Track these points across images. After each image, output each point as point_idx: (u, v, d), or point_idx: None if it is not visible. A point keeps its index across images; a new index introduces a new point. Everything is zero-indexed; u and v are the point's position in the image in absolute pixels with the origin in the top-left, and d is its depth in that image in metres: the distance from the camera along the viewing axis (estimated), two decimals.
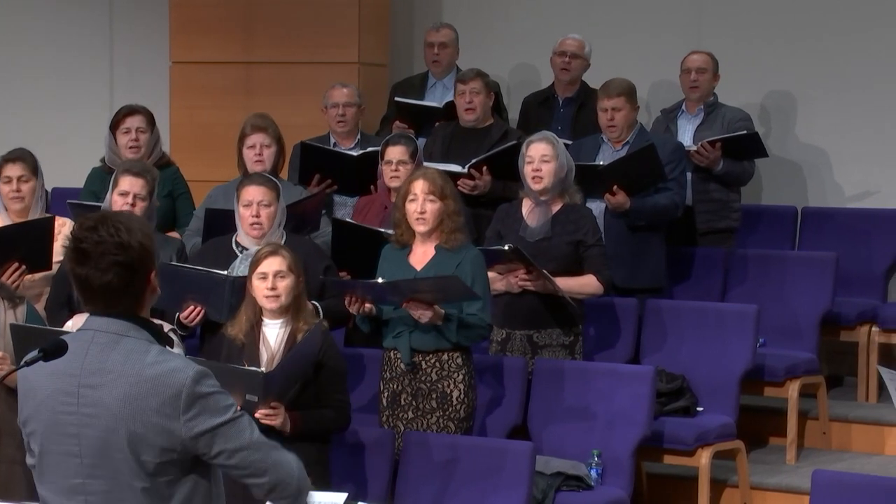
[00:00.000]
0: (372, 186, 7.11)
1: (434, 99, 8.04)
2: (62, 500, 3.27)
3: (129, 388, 3.18)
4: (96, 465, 3.21)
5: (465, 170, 7.08)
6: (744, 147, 7.52)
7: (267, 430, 4.79)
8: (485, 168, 7.10)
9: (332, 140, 7.58)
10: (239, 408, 3.31)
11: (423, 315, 5.67)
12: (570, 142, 7.35)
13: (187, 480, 3.24)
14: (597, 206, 6.90)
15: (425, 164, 6.78)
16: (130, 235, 3.20)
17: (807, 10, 8.29)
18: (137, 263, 3.22)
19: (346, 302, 5.80)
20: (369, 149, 7.24)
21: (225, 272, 5.81)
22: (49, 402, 3.25)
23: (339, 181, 7.19)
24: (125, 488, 3.20)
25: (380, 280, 5.69)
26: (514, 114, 8.40)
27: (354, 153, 7.33)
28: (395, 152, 6.69)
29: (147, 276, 3.25)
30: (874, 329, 7.45)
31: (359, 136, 7.60)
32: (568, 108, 8.00)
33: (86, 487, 3.23)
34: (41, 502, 3.33)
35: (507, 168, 6.77)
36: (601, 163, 6.94)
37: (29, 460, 3.35)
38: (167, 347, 3.30)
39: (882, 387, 7.33)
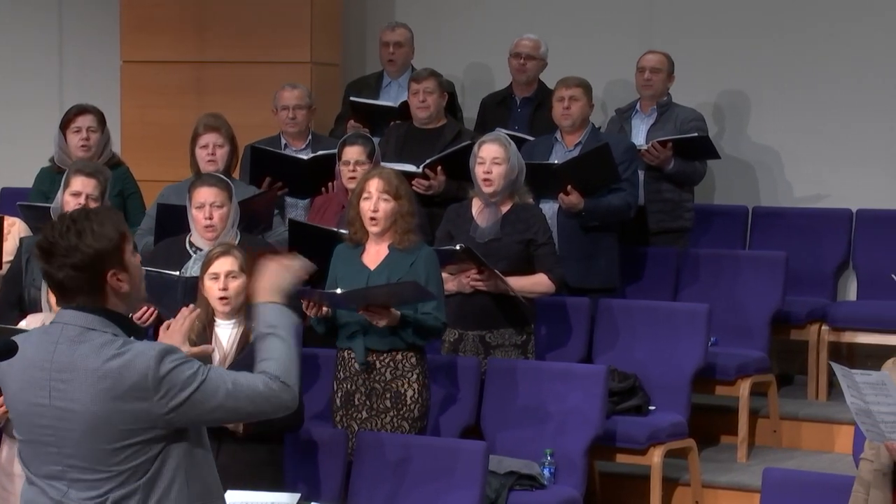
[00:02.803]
0: (324, 188, 7.11)
1: (389, 98, 8.03)
2: (45, 485, 3.37)
3: (97, 382, 3.27)
4: (73, 455, 3.31)
5: (420, 170, 7.08)
6: (695, 148, 7.56)
7: (219, 431, 4.79)
8: (439, 168, 7.10)
9: (284, 141, 7.56)
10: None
11: (381, 320, 5.68)
12: (530, 138, 7.37)
13: (165, 455, 3.33)
14: (550, 207, 6.92)
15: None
16: (83, 238, 3.32)
17: (759, 11, 8.34)
18: (88, 266, 3.32)
19: (303, 306, 5.79)
20: (320, 152, 7.23)
21: (177, 273, 5.80)
22: (23, 393, 3.37)
23: (289, 184, 7.17)
24: (105, 474, 3.30)
25: (338, 291, 5.68)
26: (469, 113, 8.41)
27: (305, 156, 7.32)
28: (353, 152, 6.69)
29: (102, 276, 3.34)
30: (824, 328, 7.50)
31: (310, 137, 7.58)
32: (525, 108, 8.01)
33: (66, 474, 3.33)
34: (28, 484, 3.43)
35: (461, 168, 6.77)
36: (556, 162, 6.96)
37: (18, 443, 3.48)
38: (139, 338, 3.41)
39: (832, 385, 7.39)
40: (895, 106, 8.07)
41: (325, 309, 5.78)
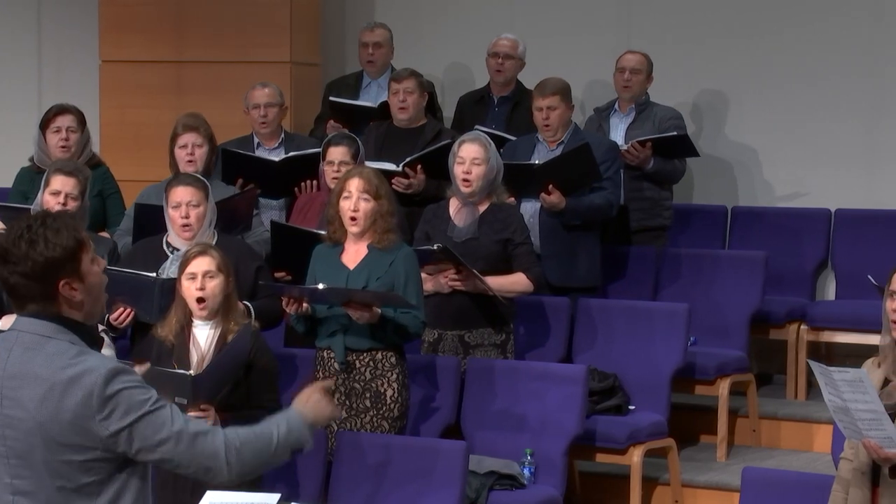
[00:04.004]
0: (297, 189, 7.10)
1: (369, 98, 8.02)
2: None
3: (45, 390, 3.21)
4: (22, 465, 3.25)
5: (400, 168, 7.08)
6: (674, 146, 7.57)
7: None
8: (419, 167, 7.10)
9: (256, 140, 7.54)
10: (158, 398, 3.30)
11: (362, 316, 5.67)
12: (512, 137, 7.37)
13: (116, 479, 3.26)
14: (532, 206, 6.92)
15: None
16: (34, 247, 3.24)
17: (737, 11, 8.36)
18: (38, 275, 3.25)
19: (283, 303, 5.78)
20: (291, 154, 7.21)
21: (153, 274, 5.78)
22: None
23: (261, 185, 7.15)
24: (50, 488, 3.23)
25: (320, 286, 5.68)
26: (448, 113, 8.41)
27: (278, 155, 7.31)
28: (338, 153, 6.69)
29: (53, 285, 3.27)
30: (803, 327, 7.52)
31: (282, 136, 7.57)
32: (503, 108, 8.02)
33: (14, 487, 3.26)
34: None
35: (441, 167, 6.77)
36: (536, 162, 6.96)
37: None
38: (94, 349, 3.33)
39: (810, 384, 7.41)
40: (873, 106, 8.10)
41: (304, 305, 5.76)
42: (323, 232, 6.15)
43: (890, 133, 8.08)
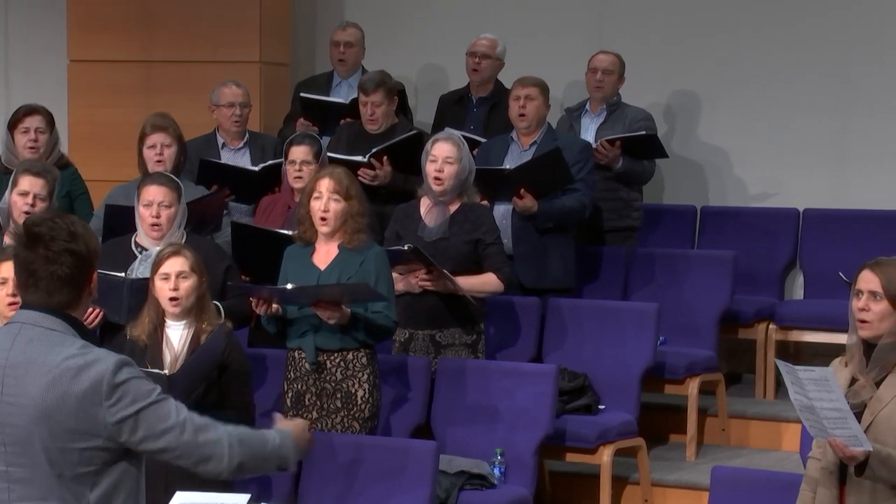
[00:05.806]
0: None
1: (339, 98, 8.01)
2: None
3: (51, 378, 3.28)
4: (19, 454, 3.30)
5: (366, 159, 7.06)
6: (644, 147, 7.59)
7: None
8: (385, 158, 7.09)
9: (221, 140, 7.53)
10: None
11: (332, 316, 5.67)
12: (483, 139, 7.38)
13: (113, 470, 3.32)
14: (504, 207, 6.93)
15: (329, 154, 6.79)
16: (79, 231, 3.34)
17: (707, 11, 8.39)
18: (85, 256, 3.34)
19: (253, 304, 5.77)
20: (270, 162, 7.20)
21: (122, 274, 5.76)
22: None
23: (236, 190, 7.12)
24: (48, 476, 3.28)
25: (288, 286, 5.67)
26: (422, 113, 8.42)
27: (241, 157, 7.28)
28: (299, 152, 6.67)
29: (90, 273, 3.37)
30: (771, 327, 7.55)
31: (247, 136, 7.57)
32: (481, 108, 8.02)
33: (10, 475, 3.31)
34: None
35: (408, 160, 6.76)
36: (508, 166, 6.96)
37: None
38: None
39: (779, 384, 7.44)
40: (841, 106, 8.14)
41: (274, 306, 5.76)
42: (287, 232, 6.15)
43: (859, 133, 8.13)
